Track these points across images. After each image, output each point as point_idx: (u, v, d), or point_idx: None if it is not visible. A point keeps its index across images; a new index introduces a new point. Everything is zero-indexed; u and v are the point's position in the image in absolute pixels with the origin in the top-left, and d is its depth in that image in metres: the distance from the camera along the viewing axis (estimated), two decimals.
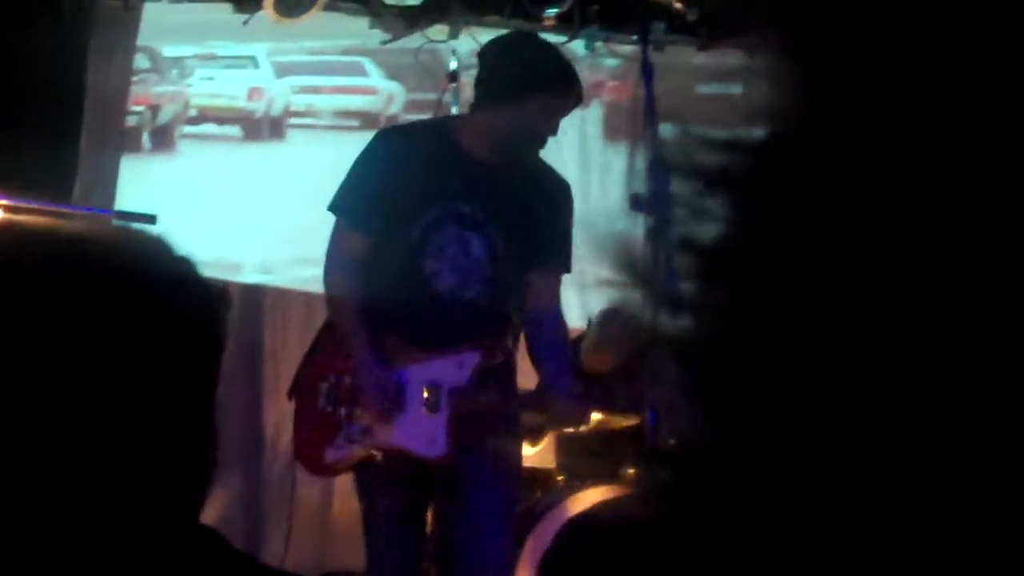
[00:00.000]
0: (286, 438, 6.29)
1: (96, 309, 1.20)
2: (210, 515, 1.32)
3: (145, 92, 7.53)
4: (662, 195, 3.38)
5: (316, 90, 7.65)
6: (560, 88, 4.08)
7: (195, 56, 7.47)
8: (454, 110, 5.12)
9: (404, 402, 4.11)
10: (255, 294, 6.19)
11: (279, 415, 6.28)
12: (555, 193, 4.26)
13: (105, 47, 6.16)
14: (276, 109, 7.47)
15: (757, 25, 0.77)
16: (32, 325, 1.17)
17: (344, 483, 6.06)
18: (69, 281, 1.20)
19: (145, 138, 7.60)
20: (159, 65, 7.61)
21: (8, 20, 5.58)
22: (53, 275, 1.20)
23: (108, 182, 6.19)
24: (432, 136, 4.22)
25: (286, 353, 6.27)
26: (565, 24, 6.25)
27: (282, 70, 7.53)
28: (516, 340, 4.28)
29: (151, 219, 3.66)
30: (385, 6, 5.87)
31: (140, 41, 6.56)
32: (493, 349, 4.14)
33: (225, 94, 7.66)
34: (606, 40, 6.43)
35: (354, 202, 4.14)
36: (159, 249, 1.30)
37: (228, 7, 6.12)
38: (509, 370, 4.24)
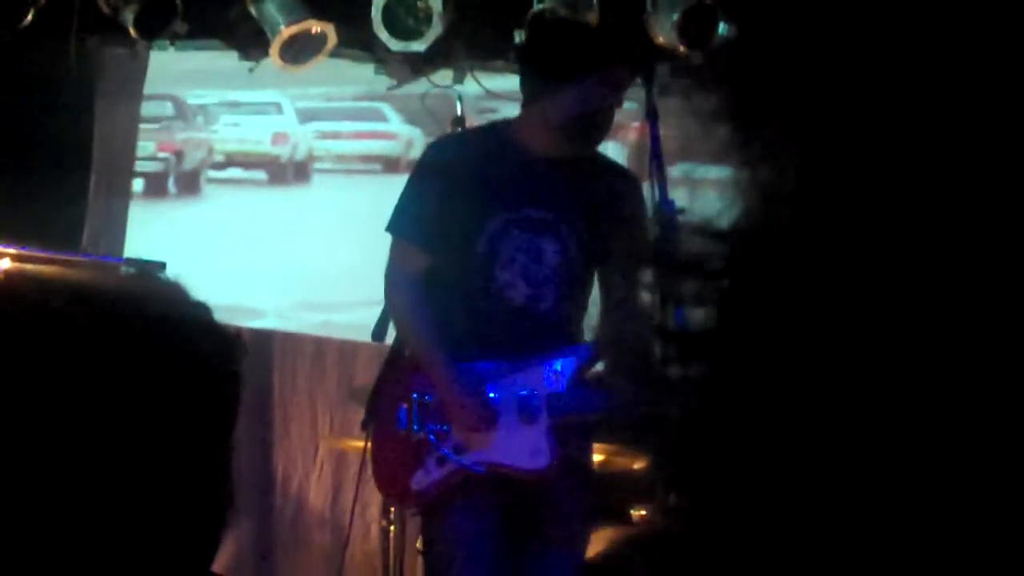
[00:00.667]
0: (296, 482, 6.29)
1: (112, 356, 1.21)
2: (220, 560, 1.32)
3: (170, 139, 7.65)
4: (670, 239, 3.36)
5: (337, 135, 7.74)
6: (612, 59, 3.90)
7: (220, 103, 7.56)
8: None
9: (498, 415, 3.87)
10: (264, 338, 6.20)
11: (288, 459, 6.27)
12: (624, 184, 4.04)
13: (112, 94, 6.19)
14: (300, 154, 7.57)
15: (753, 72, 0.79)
16: (48, 374, 1.18)
17: (357, 528, 6.06)
18: (83, 329, 1.21)
19: (171, 183, 7.70)
20: (184, 112, 7.73)
21: (16, 71, 5.62)
22: (68, 323, 1.21)
23: (117, 229, 6.21)
24: (487, 140, 4.04)
25: (295, 397, 6.28)
26: None
27: (305, 116, 7.60)
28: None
29: (161, 266, 3.66)
30: (390, 52, 5.90)
31: (163, 89, 6.61)
32: (591, 354, 3.92)
33: (251, 139, 7.78)
34: None
35: (411, 218, 3.94)
36: (175, 295, 1.31)
37: (234, 55, 6.16)
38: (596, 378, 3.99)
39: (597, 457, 4.50)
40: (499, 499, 3.93)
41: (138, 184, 7.30)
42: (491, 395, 3.87)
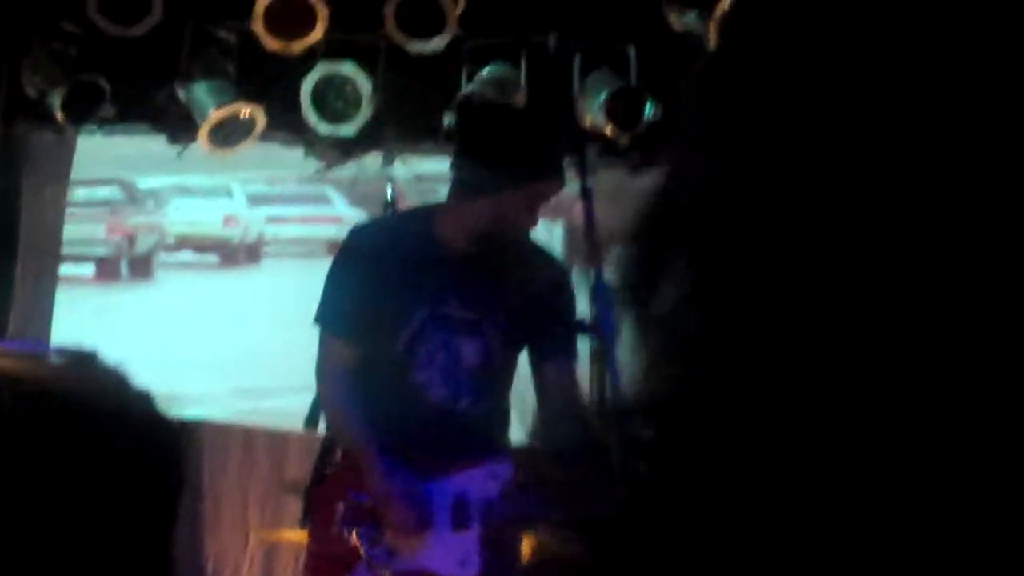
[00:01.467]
0: (227, 575, 6.19)
1: (50, 451, 1.18)
2: None
3: (121, 223, 7.62)
4: (605, 318, 3.35)
5: (284, 220, 7.71)
6: (546, 176, 3.84)
7: (170, 187, 7.57)
8: None
9: (431, 519, 3.80)
10: (194, 428, 6.12)
11: (219, 551, 6.18)
12: (552, 276, 4.00)
13: (39, 180, 6.14)
14: (251, 236, 7.59)
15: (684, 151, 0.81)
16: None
17: None
18: (22, 419, 1.18)
19: (123, 266, 7.66)
20: (134, 196, 7.73)
21: None
22: (5, 416, 1.17)
23: (45, 316, 6.13)
24: (408, 230, 3.98)
25: (226, 487, 6.19)
26: None
27: (254, 200, 7.63)
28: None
29: (92, 356, 3.58)
30: (319, 136, 5.89)
31: (110, 174, 6.60)
32: (525, 460, 3.87)
33: (203, 221, 7.80)
34: None
35: (336, 311, 3.90)
36: (116, 382, 1.28)
37: (162, 138, 6.12)
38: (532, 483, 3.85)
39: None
40: None
41: (88, 268, 7.22)
42: (426, 497, 3.81)
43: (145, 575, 1.24)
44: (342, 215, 7.95)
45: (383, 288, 3.85)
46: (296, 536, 5.41)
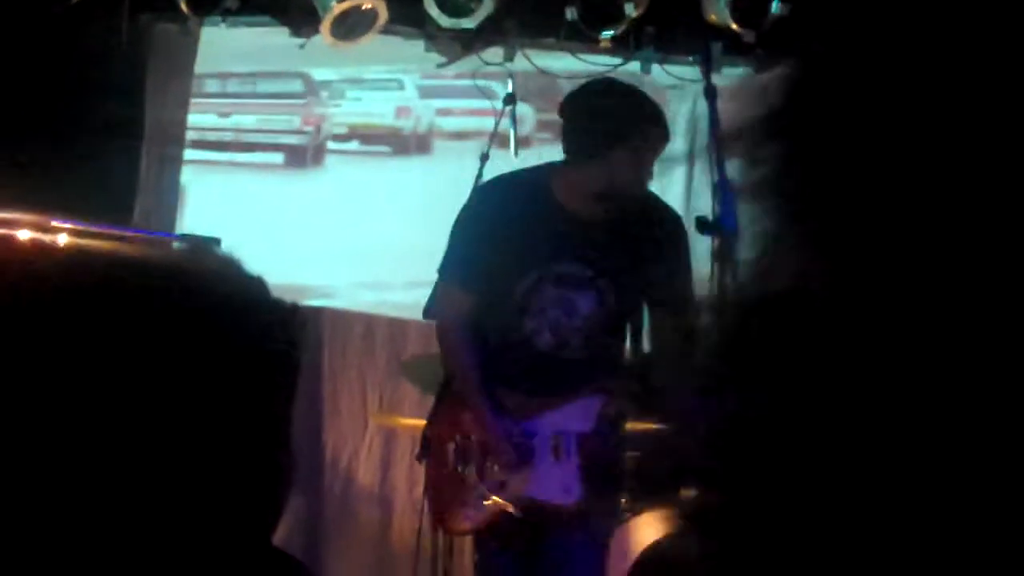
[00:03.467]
0: (345, 459, 6.30)
1: (170, 332, 1.20)
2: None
3: (308, 113, 8.00)
4: (728, 216, 3.35)
5: (448, 112, 8.01)
6: (648, 132, 4.02)
7: (344, 79, 7.83)
8: (511, 135, 5.12)
9: (533, 453, 4.10)
10: (314, 315, 6.20)
11: (337, 436, 6.29)
12: (666, 228, 4.17)
13: (164, 71, 6.20)
14: (422, 127, 7.93)
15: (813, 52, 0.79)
16: (107, 351, 1.17)
17: (403, 504, 6.07)
18: (143, 304, 1.20)
19: (308, 155, 7.99)
20: (313, 88, 8.08)
21: (68, 47, 5.63)
22: (127, 298, 1.20)
23: (170, 204, 6.22)
24: (529, 192, 4.16)
25: (345, 374, 6.28)
26: (620, 46, 6.24)
27: (425, 92, 7.94)
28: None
29: (215, 241, 3.66)
30: (441, 29, 5.88)
31: (294, 67, 6.91)
32: (614, 394, 4.10)
33: (375, 112, 8.19)
34: (662, 62, 6.40)
35: (455, 263, 4.16)
36: (230, 269, 1.30)
37: (285, 31, 6.15)
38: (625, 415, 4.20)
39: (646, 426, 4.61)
40: (527, 539, 4.15)
41: (278, 157, 7.62)
42: (528, 432, 4.10)
43: (262, 456, 1.27)
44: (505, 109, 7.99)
45: (502, 244, 4.08)
46: (413, 422, 5.50)
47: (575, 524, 4.10)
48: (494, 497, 4.09)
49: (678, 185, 6.72)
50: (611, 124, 3.98)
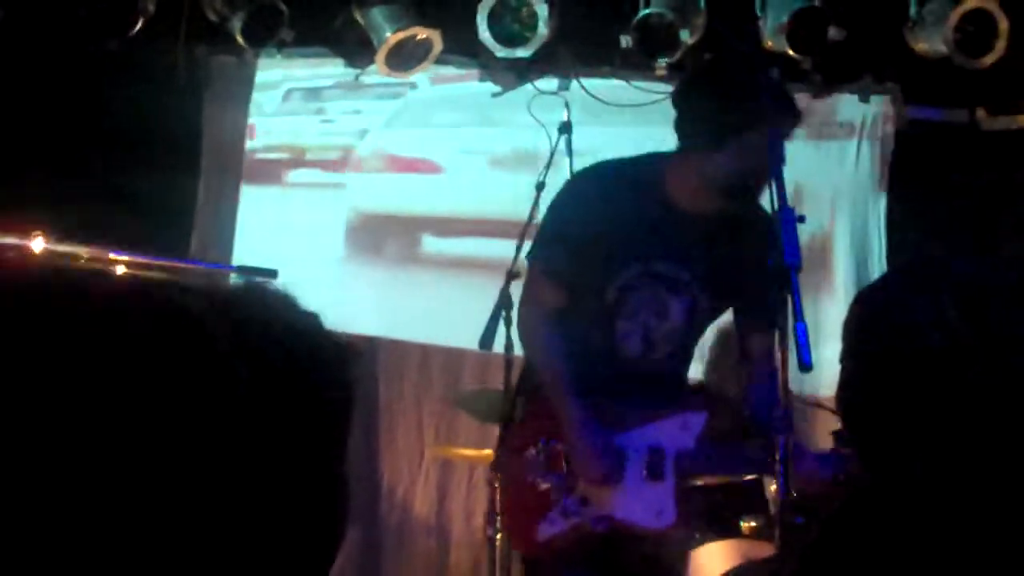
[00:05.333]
0: (401, 489, 6.30)
1: (226, 367, 1.20)
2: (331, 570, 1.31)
3: None
4: (789, 245, 3.27)
5: None
6: (777, 115, 3.58)
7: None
8: (567, 163, 5.10)
9: (626, 469, 3.76)
10: (370, 344, 6.21)
11: (394, 466, 6.28)
12: (766, 234, 3.63)
13: (220, 101, 6.23)
14: None
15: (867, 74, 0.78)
16: (163, 387, 1.17)
17: (459, 534, 6.05)
18: (198, 338, 1.20)
19: None
20: None
21: (126, 78, 5.68)
22: (184, 331, 1.20)
23: (226, 236, 6.24)
24: (635, 181, 3.83)
25: (401, 405, 6.28)
26: (676, 73, 6.22)
27: None
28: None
29: (272, 274, 3.66)
30: (495, 58, 5.89)
31: None
32: (719, 411, 3.85)
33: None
34: None
35: (552, 252, 3.84)
36: (286, 303, 1.29)
37: (340, 62, 6.17)
38: (734, 432, 3.90)
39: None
40: (606, 554, 3.84)
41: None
42: (620, 446, 3.76)
43: (318, 492, 1.26)
44: None
45: (602, 236, 3.78)
46: (470, 453, 5.49)
47: (658, 551, 3.88)
48: (577, 514, 3.76)
49: None
50: (738, 107, 3.60)
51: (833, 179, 6.51)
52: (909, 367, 1.08)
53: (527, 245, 4.12)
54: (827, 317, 5.43)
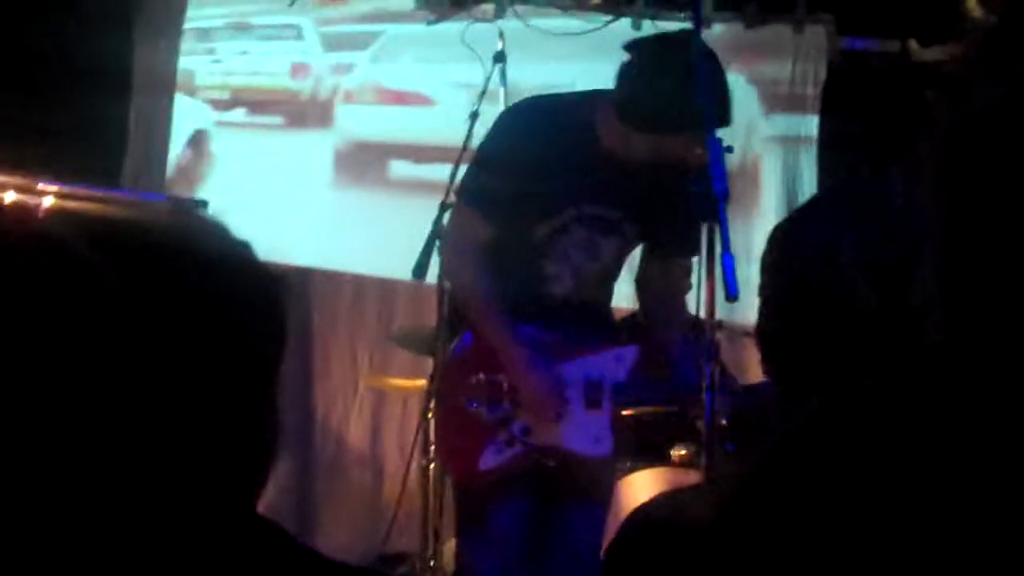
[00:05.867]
0: (335, 420, 6.31)
1: (156, 294, 1.20)
2: (263, 499, 1.32)
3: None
4: (717, 175, 3.30)
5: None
6: (708, 120, 3.48)
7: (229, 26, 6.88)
8: (502, 92, 5.09)
9: (567, 400, 3.84)
10: (303, 276, 6.19)
11: (328, 398, 6.29)
12: (700, 190, 3.59)
13: (152, 28, 6.16)
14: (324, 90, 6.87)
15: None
16: (90, 313, 1.16)
17: (394, 465, 6.07)
18: (128, 267, 1.19)
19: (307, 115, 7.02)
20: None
21: (56, 5, 5.60)
22: (116, 262, 1.19)
23: (159, 166, 6.18)
24: (567, 122, 3.83)
25: (335, 336, 6.28)
26: (612, 3, 6.23)
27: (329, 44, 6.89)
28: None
29: (203, 204, 3.64)
30: None
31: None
32: (651, 344, 3.89)
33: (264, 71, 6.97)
34: (653, 18, 6.39)
35: (481, 187, 3.85)
36: (218, 233, 1.29)
37: None
38: (657, 363, 3.93)
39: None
40: (538, 478, 3.93)
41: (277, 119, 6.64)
42: (561, 379, 3.84)
43: (249, 421, 1.26)
44: None
45: (532, 175, 3.78)
46: (404, 384, 5.51)
47: (591, 480, 3.94)
48: (522, 442, 3.83)
49: None
50: (675, 109, 3.62)
51: (765, 104, 6.56)
52: (814, 299, 1.10)
53: (460, 174, 4.11)
54: (756, 242, 5.48)
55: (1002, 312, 0.73)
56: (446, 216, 4.18)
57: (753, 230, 5.89)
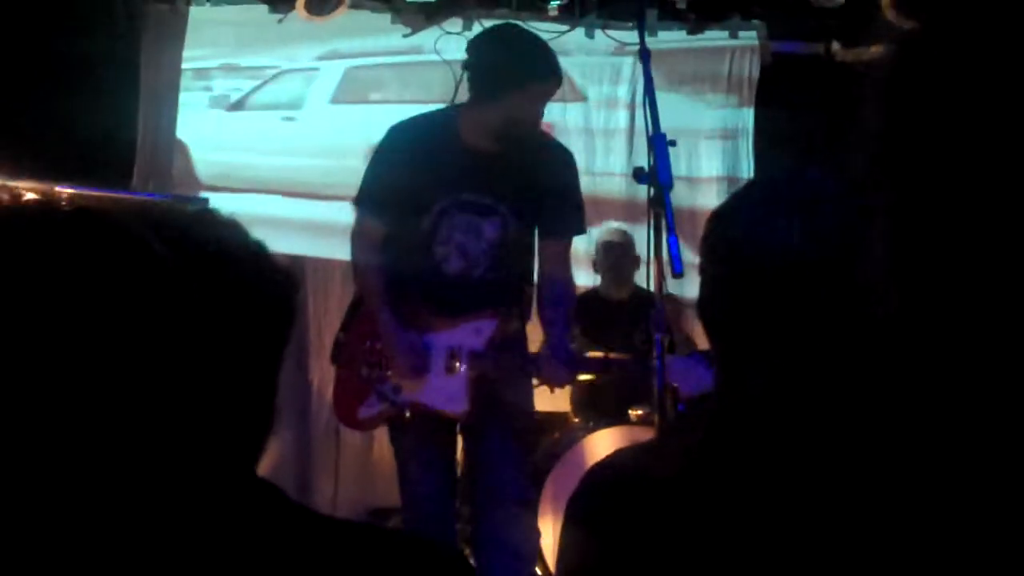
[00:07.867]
0: (330, 392, 6.32)
1: (195, 276, 1.19)
2: (264, 463, 1.32)
3: None
4: (662, 167, 3.35)
5: None
6: (545, 76, 4.00)
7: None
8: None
9: (429, 364, 4.13)
10: (298, 263, 6.20)
11: (322, 373, 6.30)
12: (559, 163, 4.17)
13: (156, 46, 6.14)
14: None
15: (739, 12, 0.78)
16: (117, 301, 1.16)
17: (383, 429, 6.10)
18: (154, 258, 1.18)
19: None
20: None
21: (66, 28, 5.57)
22: (141, 254, 1.18)
23: (164, 174, 6.18)
24: (436, 130, 4.14)
25: (328, 318, 6.28)
26: (567, 14, 6.24)
27: None
28: (529, 308, 4.26)
29: (204, 203, 3.65)
30: (406, 3, 5.84)
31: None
32: (507, 317, 4.14)
33: None
34: (604, 27, 6.40)
35: (370, 193, 4.13)
36: (234, 228, 1.29)
37: (264, 8, 6.10)
38: (520, 336, 4.23)
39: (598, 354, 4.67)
40: (440, 423, 4.17)
41: None
42: (426, 345, 4.14)
43: (255, 393, 1.27)
44: None
45: (411, 178, 4.05)
46: None
47: (484, 425, 4.16)
48: (390, 399, 4.15)
49: (621, 138, 6.74)
50: (509, 69, 3.96)
51: (704, 101, 6.62)
52: (749, 276, 1.10)
53: None
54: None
55: (954, 283, 0.73)
56: None
57: (696, 215, 5.93)
